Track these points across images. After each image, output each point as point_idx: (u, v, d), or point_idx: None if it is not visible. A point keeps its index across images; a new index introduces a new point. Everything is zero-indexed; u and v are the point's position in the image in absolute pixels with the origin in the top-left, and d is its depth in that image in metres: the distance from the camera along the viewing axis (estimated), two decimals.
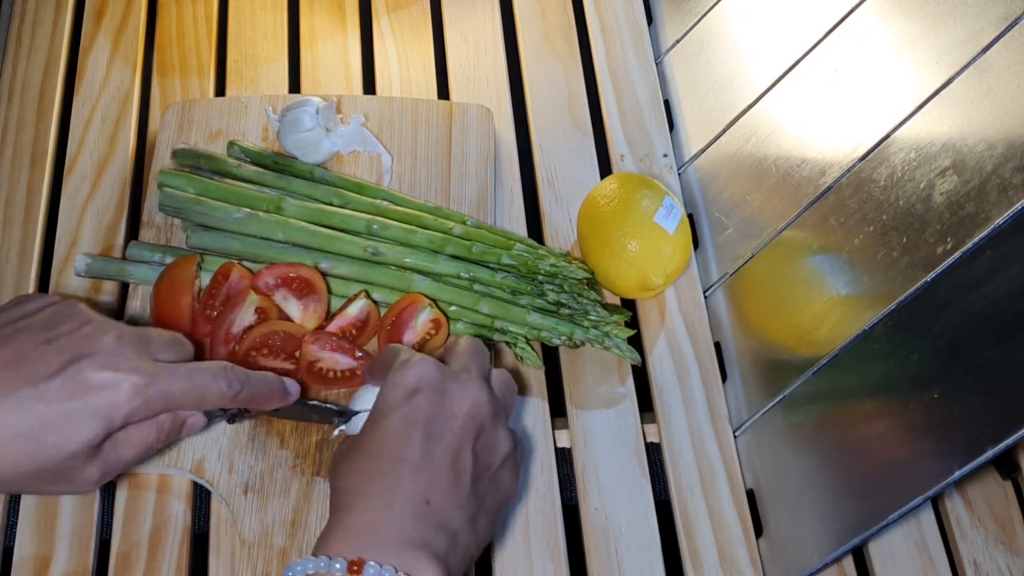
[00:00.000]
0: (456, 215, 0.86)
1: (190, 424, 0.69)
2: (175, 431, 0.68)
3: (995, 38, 0.71)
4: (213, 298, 0.80)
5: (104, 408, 0.62)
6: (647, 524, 0.77)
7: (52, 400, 0.61)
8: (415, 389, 0.65)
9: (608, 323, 0.82)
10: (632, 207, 0.82)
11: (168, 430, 0.67)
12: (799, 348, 0.77)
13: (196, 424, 0.69)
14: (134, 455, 0.66)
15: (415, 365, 0.66)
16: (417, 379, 0.66)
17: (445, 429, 0.64)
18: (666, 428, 0.81)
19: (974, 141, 0.69)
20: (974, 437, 0.62)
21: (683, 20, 0.99)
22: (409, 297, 0.80)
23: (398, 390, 0.66)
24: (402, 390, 0.65)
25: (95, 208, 0.90)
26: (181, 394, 0.66)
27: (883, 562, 0.76)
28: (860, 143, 0.78)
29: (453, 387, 0.66)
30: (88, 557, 0.74)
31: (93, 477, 0.64)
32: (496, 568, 0.75)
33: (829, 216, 0.78)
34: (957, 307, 0.67)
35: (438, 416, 0.64)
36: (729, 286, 0.86)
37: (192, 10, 1.03)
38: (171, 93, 0.97)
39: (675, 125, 0.96)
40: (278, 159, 0.88)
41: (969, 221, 0.68)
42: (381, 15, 1.03)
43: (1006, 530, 0.77)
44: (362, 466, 0.63)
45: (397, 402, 0.65)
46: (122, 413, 0.63)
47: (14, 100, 0.96)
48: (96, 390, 0.62)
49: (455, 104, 0.94)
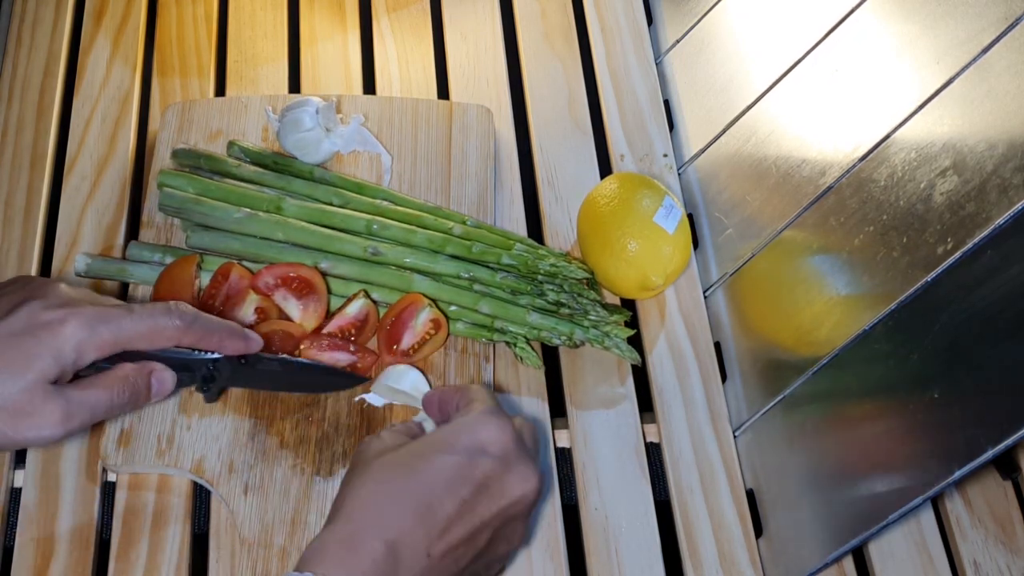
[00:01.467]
0: (456, 215, 0.86)
1: (158, 378, 0.68)
2: (143, 385, 0.68)
3: (996, 38, 0.71)
4: (213, 298, 0.80)
5: (54, 340, 0.63)
6: (647, 524, 0.77)
7: (2, 336, 0.63)
8: (485, 448, 0.63)
9: (608, 323, 0.82)
10: (632, 207, 0.82)
11: (134, 382, 0.67)
12: (799, 348, 0.77)
13: (164, 379, 0.69)
14: (97, 402, 0.65)
15: (498, 425, 0.64)
16: (495, 439, 0.64)
17: (488, 502, 0.63)
18: (666, 428, 0.81)
19: (974, 141, 0.69)
20: (974, 437, 0.62)
21: (683, 20, 0.99)
22: (409, 297, 0.80)
23: (470, 437, 0.64)
24: (473, 439, 0.64)
25: (95, 208, 0.90)
26: (132, 327, 0.66)
27: (883, 562, 0.76)
28: (860, 143, 0.78)
29: (520, 468, 0.64)
30: (88, 557, 0.74)
31: (53, 416, 0.63)
32: None
33: (829, 216, 0.78)
34: (957, 307, 0.67)
35: (491, 487, 0.63)
36: (729, 286, 0.86)
37: (192, 10, 1.03)
38: (171, 93, 0.97)
39: (675, 125, 0.96)
40: (278, 159, 0.88)
41: (969, 221, 0.68)
42: (381, 15, 1.03)
43: (1006, 530, 0.77)
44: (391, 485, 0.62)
45: (461, 448, 0.63)
46: (72, 344, 0.64)
47: (14, 100, 0.96)
48: (46, 325, 0.64)
49: (455, 104, 0.94)
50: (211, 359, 0.71)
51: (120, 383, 0.67)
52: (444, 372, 0.81)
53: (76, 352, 0.64)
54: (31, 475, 0.77)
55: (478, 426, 0.64)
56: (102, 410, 0.66)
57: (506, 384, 0.82)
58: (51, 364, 0.63)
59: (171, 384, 0.69)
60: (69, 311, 0.64)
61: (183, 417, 0.78)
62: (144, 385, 0.68)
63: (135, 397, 0.68)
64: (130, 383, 0.67)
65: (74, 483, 0.77)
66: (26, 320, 0.64)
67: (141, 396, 0.68)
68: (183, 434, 0.77)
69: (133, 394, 0.67)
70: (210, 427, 0.78)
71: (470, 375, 0.80)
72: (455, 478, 0.62)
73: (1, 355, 0.63)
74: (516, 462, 0.64)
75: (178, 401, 0.78)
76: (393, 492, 0.62)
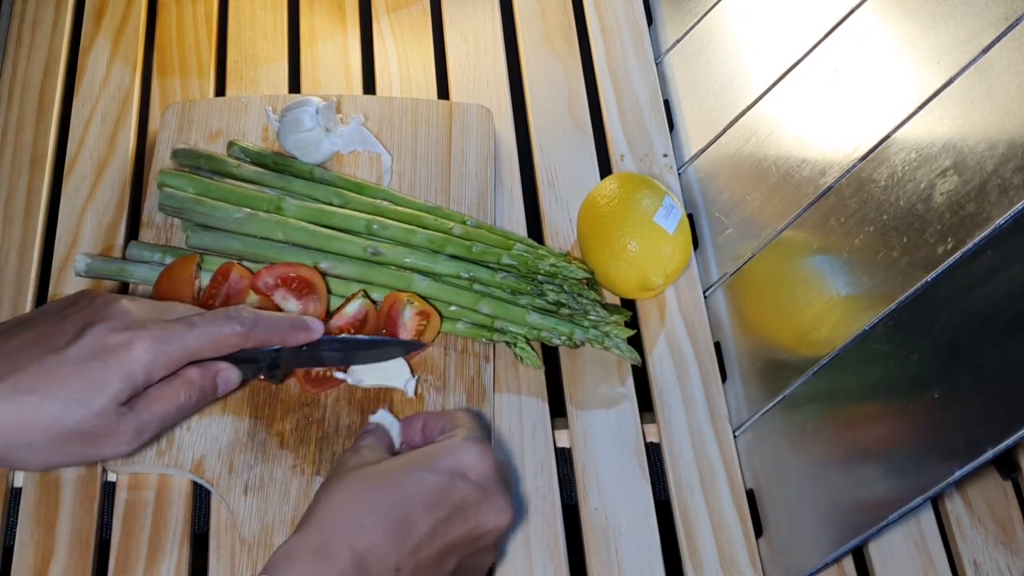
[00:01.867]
0: (456, 215, 0.86)
1: (224, 378, 0.69)
2: (209, 387, 0.69)
3: (996, 38, 0.71)
4: (213, 298, 0.80)
5: (123, 364, 0.64)
6: (647, 524, 0.77)
7: (72, 363, 0.63)
8: (465, 473, 0.64)
9: (608, 323, 0.82)
10: (632, 207, 0.82)
11: (201, 386, 0.68)
12: (799, 348, 0.77)
13: (230, 378, 0.70)
14: (167, 411, 0.66)
15: (480, 452, 0.65)
16: (475, 465, 0.64)
17: (461, 527, 0.63)
18: (666, 428, 0.81)
19: (975, 141, 0.69)
20: (974, 437, 0.62)
21: (683, 20, 0.99)
22: (390, 298, 0.80)
23: (451, 459, 0.64)
24: (455, 462, 0.64)
25: (95, 208, 0.90)
26: (195, 342, 0.67)
27: (883, 562, 0.76)
28: (860, 143, 0.78)
29: (498, 499, 0.64)
30: (88, 557, 0.74)
31: (127, 435, 0.64)
32: (496, 568, 0.75)
33: (829, 216, 0.78)
34: (958, 307, 0.67)
35: (467, 512, 0.63)
36: (729, 286, 0.86)
37: (192, 10, 1.03)
38: (171, 93, 0.97)
39: (675, 125, 0.96)
40: (278, 159, 0.88)
41: (970, 221, 0.68)
42: (381, 15, 1.03)
43: (1006, 530, 0.77)
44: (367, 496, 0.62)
45: (442, 469, 0.64)
46: (141, 366, 0.64)
47: (14, 100, 0.96)
48: (112, 349, 0.64)
49: (455, 104, 0.94)
50: (274, 350, 0.72)
51: (187, 387, 0.67)
52: (444, 372, 0.81)
53: (145, 373, 0.65)
54: (31, 475, 0.77)
55: (460, 451, 0.65)
56: (172, 417, 0.67)
57: (506, 384, 0.82)
58: (122, 388, 0.64)
59: (237, 380, 0.70)
60: (134, 333, 0.65)
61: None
62: (211, 386, 0.69)
63: (202, 398, 0.68)
64: (197, 387, 0.68)
65: (74, 483, 0.77)
66: (93, 345, 0.64)
67: (208, 396, 0.69)
68: (183, 434, 0.77)
69: (201, 396, 0.68)
70: (210, 427, 0.78)
71: (470, 375, 0.80)
72: (433, 497, 0.62)
73: (73, 382, 0.63)
74: (494, 493, 0.64)
75: None
76: (368, 503, 0.62)
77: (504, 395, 0.81)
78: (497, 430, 0.80)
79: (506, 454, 0.79)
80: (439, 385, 0.80)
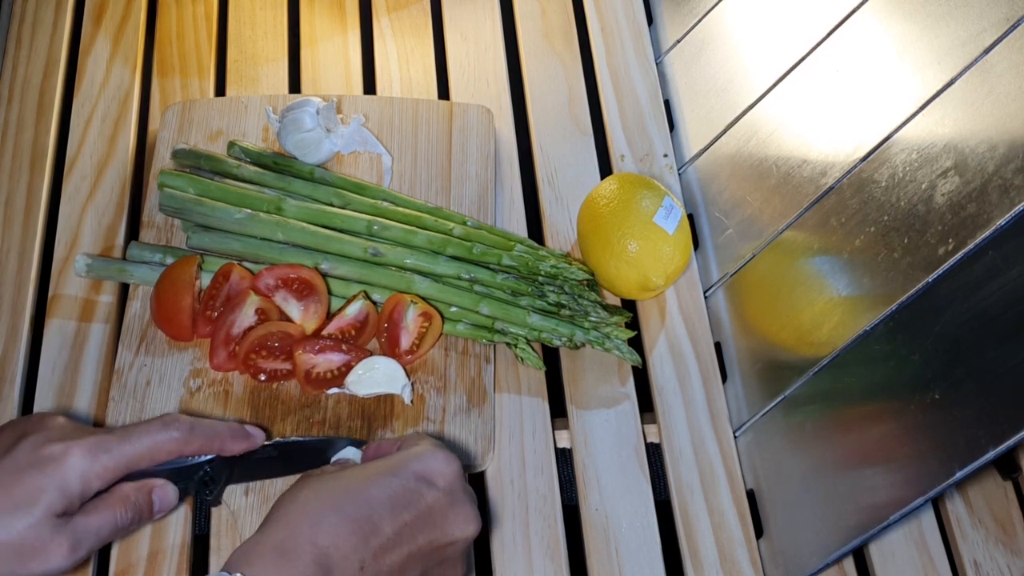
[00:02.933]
0: (456, 216, 0.86)
1: (160, 495, 0.68)
2: (145, 503, 0.67)
3: (997, 39, 0.71)
4: (213, 299, 0.80)
5: (59, 472, 0.63)
6: (647, 524, 0.77)
7: (7, 472, 0.62)
8: (432, 479, 0.64)
9: (608, 324, 0.82)
10: (632, 207, 0.82)
11: (136, 502, 0.66)
12: (800, 349, 0.78)
13: (166, 495, 0.68)
14: (101, 527, 0.65)
15: (446, 459, 0.65)
16: (442, 472, 0.64)
17: (427, 533, 0.63)
18: (666, 428, 0.81)
19: (976, 142, 0.69)
20: (975, 437, 0.62)
21: (683, 20, 0.99)
22: (393, 299, 0.80)
23: (418, 465, 0.64)
24: (422, 468, 0.64)
25: (95, 208, 0.90)
26: (132, 450, 0.66)
27: (883, 562, 0.76)
28: (861, 144, 0.78)
29: (465, 508, 0.64)
30: (89, 559, 0.74)
31: (62, 548, 0.62)
32: (496, 568, 0.75)
33: (830, 217, 0.78)
34: (958, 308, 0.67)
35: (434, 518, 0.63)
36: (729, 286, 0.86)
37: (192, 10, 1.03)
38: (171, 93, 0.97)
39: (675, 125, 0.96)
40: (278, 159, 0.88)
41: (971, 222, 0.68)
42: (381, 15, 1.03)
43: (1006, 530, 0.77)
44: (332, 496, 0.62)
45: (410, 474, 0.63)
46: (76, 475, 0.63)
47: (14, 100, 0.96)
48: (47, 460, 0.63)
49: (455, 104, 0.94)
50: (203, 461, 0.70)
51: (122, 504, 0.66)
52: (445, 373, 0.81)
53: (81, 483, 0.63)
54: None
55: (427, 457, 0.65)
56: (107, 533, 0.65)
57: (507, 385, 0.82)
58: (57, 498, 0.62)
59: (173, 497, 0.68)
60: (70, 443, 0.64)
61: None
62: (146, 503, 0.67)
63: (138, 516, 0.67)
64: (132, 503, 0.66)
65: None
66: (29, 454, 0.63)
67: (144, 515, 0.67)
68: None
69: (136, 513, 0.66)
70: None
71: (471, 376, 0.80)
72: (399, 500, 0.62)
73: (7, 491, 0.62)
74: (461, 501, 0.64)
75: (179, 402, 0.78)
76: (332, 501, 0.61)
77: (504, 396, 0.81)
78: (498, 431, 0.80)
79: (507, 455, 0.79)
80: (440, 386, 0.80)
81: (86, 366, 0.82)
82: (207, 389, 0.79)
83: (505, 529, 0.76)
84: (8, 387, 0.81)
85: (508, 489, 0.78)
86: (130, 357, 0.81)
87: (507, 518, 0.77)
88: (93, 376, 0.82)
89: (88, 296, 0.85)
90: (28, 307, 0.85)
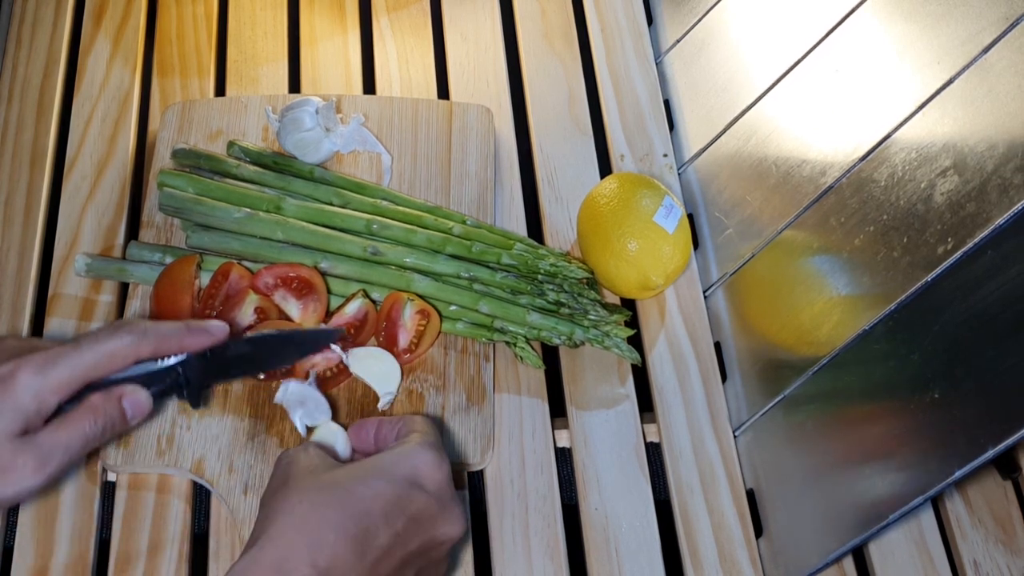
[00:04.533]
0: (456, 215, 0.86)
1: (131, 401, 0.66)
2: (116, 412, 0.66)
3: (996, 38, 0.71)
4: (213, 298, 0.80)
5: (8, 394, 0.62)
6: (647, 524, 0.77)
7: None
8: (421, 482, 0.63)
9: (608, 323, 0.82)
10: (632, 207, 0.82)
11: (105, 411, 0.65)
12: (799, 348, 0.77)
13: (139, 400, 0.67)
14: (70, 440, 0.64)
15: (436, 460, 0.64)
16: (431, 475, 0.63)
17: (418, 538, 0.62)
18: (666, 428, 0.81)
19: (975, 141, 0.69)
20: (974, 437, 0.62)
21: (683, 20, 0.99)
22: (391, 298, 0.80)
23: (408, 466, 0.63)
24: (410, 470, 0.63)
25: (95, 208, 0.90)
26: (84, 359, 0.64)
27: (883, 562, 0.76)
28: (861, 143, 0.78)
29: (453, 509, 0.64)
30: (88, 557, 0.74)
31: (28, 467, 0.62)
32: (496, 568, 0.75)
33: (829, 216, 0.78)
34: (958, 307, 0.67)
35: (423, 523, 0.62)
36: (729, 286, 0.86)
37: (192, 10, 1.03)
38: (171, 93, 0.97)
39: (675, 125, 0.96)
40: (278, 159, 0.88)
41: (970, 221, 0.68)
42: (381, 15, 1.03)
43: (1006, 530, 0.77)
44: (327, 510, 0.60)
45: (400, 478, 0.63)
46: (30, 394, 0.62)
47: (14, 100, 0.96)
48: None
49: (455, 104, 0.94)
50: (176, 363, 0.69)
51: (91, 415, 0.65)
52: (444, 372, 0.81)
53: (35, 401, 0.63)
54: None
55: (416, 458, 0.64)
56: (77, 447, 0.64)
57: (506, 384, 0.82)
58: (12, 418, 0.62)
59: (147, 402, 0.67)
60: (17, 362, 0.63)
61: (183, 417, 0.78)
62: (116, 411, 0.66)
63: (110, 424, 0.66)
64: (101, 412, 0.65)
65: (74, 483, 0.77)
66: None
67: (117, 422, 0.66)
68: (183, 434, 0.77)
69: (107, 422, 0.65)
70: (210, 427, 0.78)
71: (470, 374, 0.80)
72: (391, 508, 0.61)
73: None
74: (449, 503, 0.64)
75: (177, 402, 0.78)
76: (328, 517, 0.60)
77: (504, 395, 0.81)
78: (497, 430, 0.80)
79: (506, 454, 0.79)
80: (439, 385, 0.80)
81: None
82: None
83: (505, 529, 0.76)
84: None
85: (508, 489, 0.78)
86: None
87: (507, 518, 0.77)
88: None
89: (88, 295, 0.85)
90: (28, 306, 0.85)
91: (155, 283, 0.82)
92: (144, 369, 0.68)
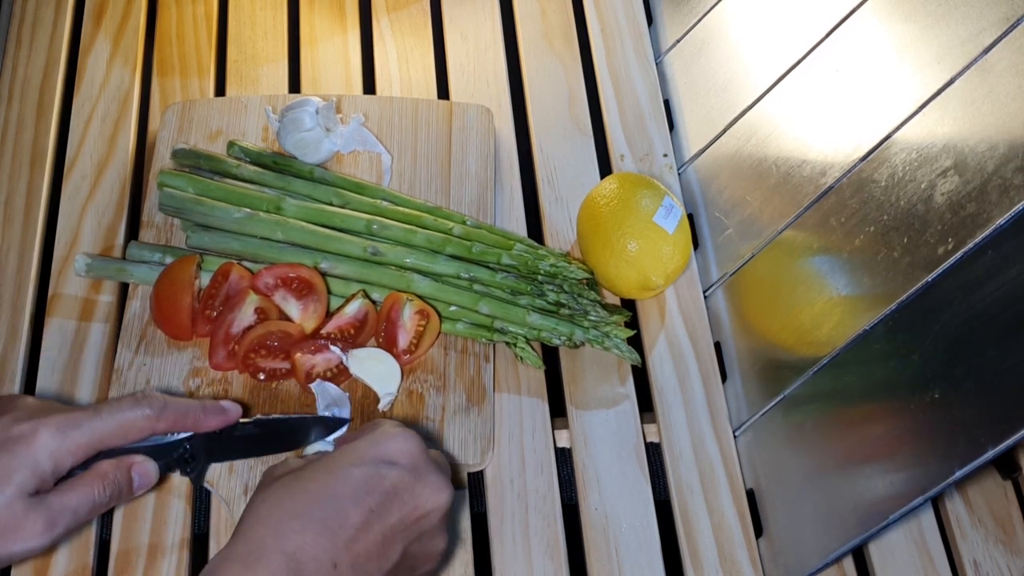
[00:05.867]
0: (456, 215, 0.86)
1: (140, 471, 0.68)
2: (124, 481, 0.67)
3: (996, 39, 0.71)
4: (213, 298, 0.80)
5: (27, 452, 0.63)
6: (647, 524, 0.77)
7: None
8: (393, 459, 0.64)
9: (608, 323, 0.82)
10: (632, 207, 0.82)
11: (115, 479, 0.66)
12: (799, 348, 0.77)
13: (147, 471, 0.68)
14: (79, 504, 0.64)
15: (404, 437, 0.65)
16: (402, 449, 0.64)
17: (398, 511, 0.62)
18: (666, 428, 0.81)
19: (975, 141, 0.69)
20: (974, 437, 0.62)
21: (683, 20, 0.99)
22: (390, 298, 0.80)
23: (376, 449, 0.64)
24: (380, 451, 0.64)
25: (95, 208, 0.90)
26: (103, 427, 0.66)
27: (883, 562, 0.76)
28: (861, 143, 0.78)
29: (432, 479, 0.64)
30: (88, 557, 0.74)
31: (37, 527, 0.62)
32: (496, 568, 0.75)
33: (830, 216, 0.78)
34: (958, 307, 0.67)
35: (401, 496, 0.63)
36: (729, 286, 0.86)
37: (192, 10, 1.03)
38: (171, 93, 0.97)
39: (675, 125, 0.96)
40: (278, 159, 0.88)
41: (970, 221, 0.68)
42: (381, 15, 1.03)
43: (1006, 530, 0.77)
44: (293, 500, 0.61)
45: (368, 460, 0.63)
46: (47, 454, 0.63)
47: (14, 100, 0.96)
48: (17, 439, 0.63)
49: (455, 104, 0.94)
50: (183, 438, 0.70)
51: (100, 481, 0.66)
52: (444, 372, 0.81)
53: (52, 461, 0.63)
54: None
55: (383, 439, 0.65)
56: (85, 511, 0.65)
57: (506, 384, 0.82)
58: (28, 477, 0.62)
59: (154, 474, 0.69)
60: (38, 422, 0.64)
61: None
62: (125, 480, 0.67)
63: (117, 492, 0.67)
64: (110, 480, 0.66)
65: None
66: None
67: (124, 491, 0.67)
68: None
69: (115, 490, 0.66)
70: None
71: (470, 375, 0.80)
72: (361, 488, 0.62)
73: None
74: (426, 472, 0.64)
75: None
76: (294, 505, 0.61)
77: (504, 395, 0.81)
78: (497, 430, 0.80)
79: (506, 455, 0.79)
80: (439, 385, 0.80)
81: (86, 365, 0.82)
82: (206, 388, 0.79)
83: (505, 529, 0.76)
84: (8, 386, 0.81)
85: (508, 489, 0.78)
86: (130, 356, 0.81)
87: (507, 518, 0.77)
88: (93, 375, 0.82)
89: (88, 295, 0.85)
90: (28, 306, 0.85)
91: (155, 283, 0.82)
92: (153, 441, 0.69)
